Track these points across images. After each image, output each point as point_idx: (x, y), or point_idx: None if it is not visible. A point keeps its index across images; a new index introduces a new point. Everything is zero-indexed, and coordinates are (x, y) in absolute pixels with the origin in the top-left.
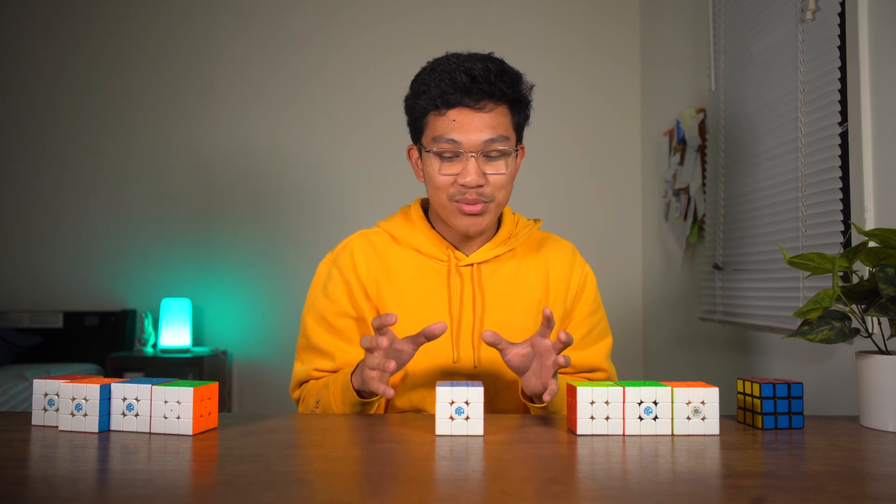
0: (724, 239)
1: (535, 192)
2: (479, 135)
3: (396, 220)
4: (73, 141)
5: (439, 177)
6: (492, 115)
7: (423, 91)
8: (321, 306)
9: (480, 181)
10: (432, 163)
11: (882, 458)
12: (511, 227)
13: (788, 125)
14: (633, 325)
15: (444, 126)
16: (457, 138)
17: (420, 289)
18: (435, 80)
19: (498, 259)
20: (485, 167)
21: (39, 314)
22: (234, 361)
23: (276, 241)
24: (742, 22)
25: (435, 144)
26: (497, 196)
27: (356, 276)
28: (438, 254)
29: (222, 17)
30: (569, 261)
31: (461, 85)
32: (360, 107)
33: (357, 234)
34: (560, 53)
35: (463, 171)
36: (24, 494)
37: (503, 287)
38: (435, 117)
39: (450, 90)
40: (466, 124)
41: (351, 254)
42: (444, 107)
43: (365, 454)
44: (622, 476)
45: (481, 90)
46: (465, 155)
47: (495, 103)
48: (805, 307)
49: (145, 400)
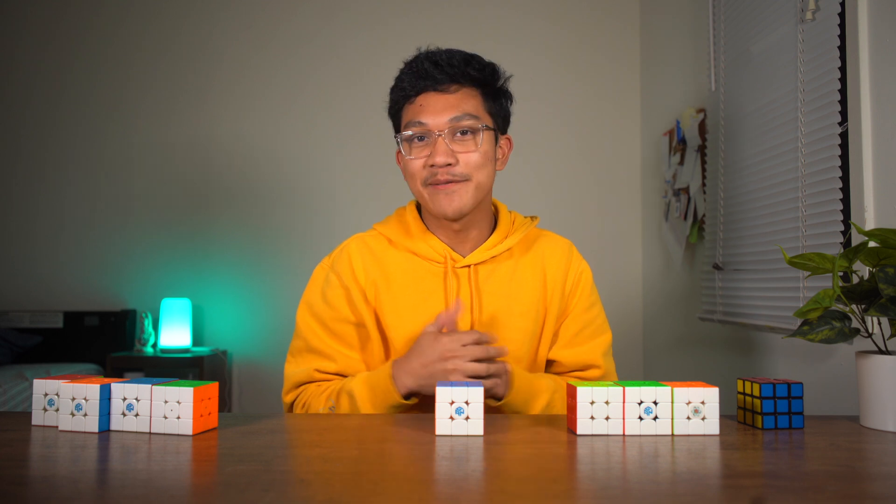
0: (724, 239)
1: (535, 192)
2: (445, 114)
3: (391, 222)
4: (73, 141)
5: (411, 162)
6: (457, 95)
7: (396, 87)
8: (320, 311)
9: (449, 159)
10: (405, 150)
11: (882, 458)
12: (507, 227)
13: (788, 125)
14: (633, 325)
15: (412, 112)
16: (423, 120)
17: (417, 291)
18: (405, 74)
19: (495, 260)
20: (454, 146)
21: (39, 314)
22: (234, 361)
23: (277, 242)
24: (742, 22)
25: (405, 130)
26: (475, 176)
27: (355, 281)
28: (435, 256)
29: (221, 22)
30: (565, 258)
31: (424, 71)
32: (360, 108)
33: (353, 238)
34: (560, 53)
35: (432, 151)
36: (24, 494)
37: (501, 288)
38: (407, 107)
39: (415, 78)
40: (431, 106)
41: (349, 258)
42: (413, 94)
43: (365, 454)
44: (622, 476)
45: (444, 73)
46: (433, 136)
47: (461, 85)
48: (805, 307)
49: (145, 400)
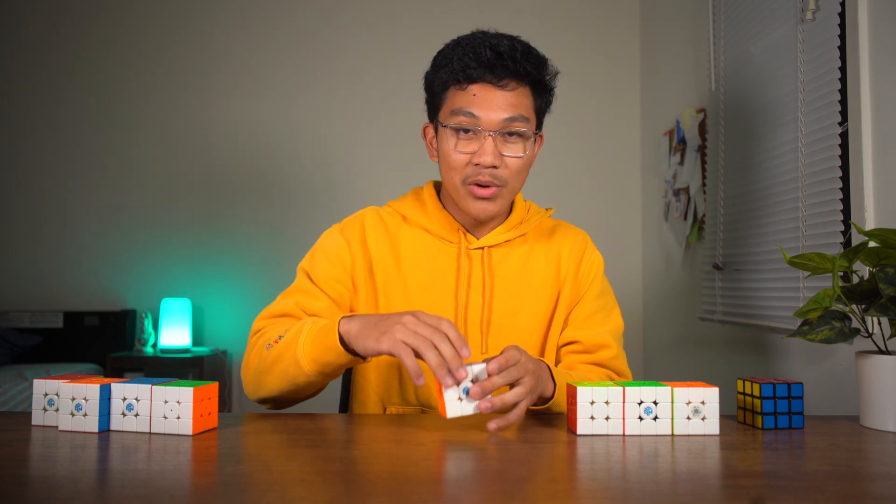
0: (724, 239)
1: (535, 192)
2: (500, 112)
3: (407, 200)
4: (74, 141)
5: (454, 154)
6: (514, 94)
7: (445, 64)
8: (319, 265)
9: (496, 162)
10: (448, 139)
11: (882, 458)
12: (522, 213)
13: (788, 125)
14: (633, 325)
15: (463, 100)
16: (476, 113)
17: (428, 270)
18: (458, 54)
19: (509, 244)
20: (502, 148)
21: (39, 314)
22: (234, 361)
23: (277, 241)
24: (742, 22)
25: (452, 119)
26: (511, 182)
27: (364, 250)
28: (449, 235)
29: (221, 21)
30: (580, 248)
31: (485, 60)
32: (363, 108)
33: (369, 209)
34: (559, 53)
35: (480, 149)
36: (24, 494)
37: (514, 272)
38: (455, 91)
39: (473, 64)
40: (487, 100)
41: (362, 226)
42: (465, 81)
43: (365, 454)
44: (622, 476)
45: (505, 67)
46: (482, 133)
47: (518, 83)
48: (805, 307)
49: (145, 400)
